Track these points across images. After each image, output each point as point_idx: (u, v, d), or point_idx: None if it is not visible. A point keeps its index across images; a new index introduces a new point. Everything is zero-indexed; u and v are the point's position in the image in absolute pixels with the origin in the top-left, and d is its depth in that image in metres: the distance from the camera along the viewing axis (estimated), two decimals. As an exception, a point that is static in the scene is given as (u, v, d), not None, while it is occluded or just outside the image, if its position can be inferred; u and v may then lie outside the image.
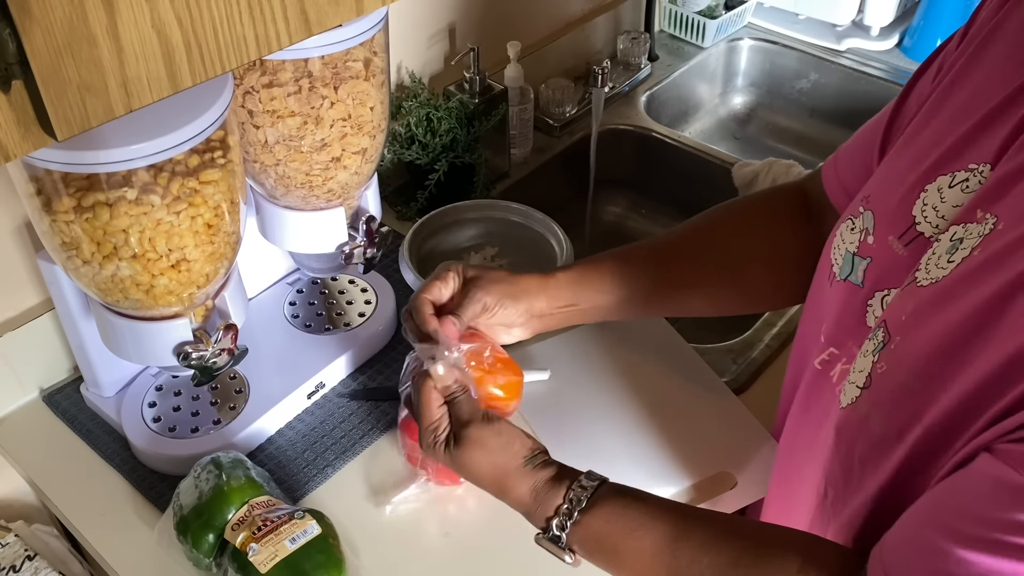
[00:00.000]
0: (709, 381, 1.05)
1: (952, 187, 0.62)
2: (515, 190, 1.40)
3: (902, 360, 0.60)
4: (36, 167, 0.71)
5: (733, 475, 0.94)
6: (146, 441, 0.95)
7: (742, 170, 1.42)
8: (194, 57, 0.53)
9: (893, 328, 0.61)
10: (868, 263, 0.67)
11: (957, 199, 0.61)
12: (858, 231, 0.69)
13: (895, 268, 0.65)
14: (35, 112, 0.48)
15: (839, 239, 0.71)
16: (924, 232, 0.63)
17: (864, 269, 0.68)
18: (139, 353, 0.87)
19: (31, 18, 0.45)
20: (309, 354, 1.04)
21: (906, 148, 0.69)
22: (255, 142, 0.87)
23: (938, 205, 0.62)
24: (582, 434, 0.99)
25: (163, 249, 0.77)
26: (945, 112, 0.66)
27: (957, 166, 0.62)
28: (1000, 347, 0.52)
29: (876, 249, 0.67)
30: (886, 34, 1.72)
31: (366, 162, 0.93)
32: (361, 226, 0.97)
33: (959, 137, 0.62)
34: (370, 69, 0.87)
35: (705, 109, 1.79)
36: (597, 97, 1.37)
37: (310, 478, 0.95)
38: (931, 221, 0.63)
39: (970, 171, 0.61)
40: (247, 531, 0.82)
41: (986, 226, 0.57)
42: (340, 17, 0.60)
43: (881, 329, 0.63)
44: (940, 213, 0.62)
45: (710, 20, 1.69)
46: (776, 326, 1.15)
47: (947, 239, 0.59)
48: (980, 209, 0.58)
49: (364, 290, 1.13)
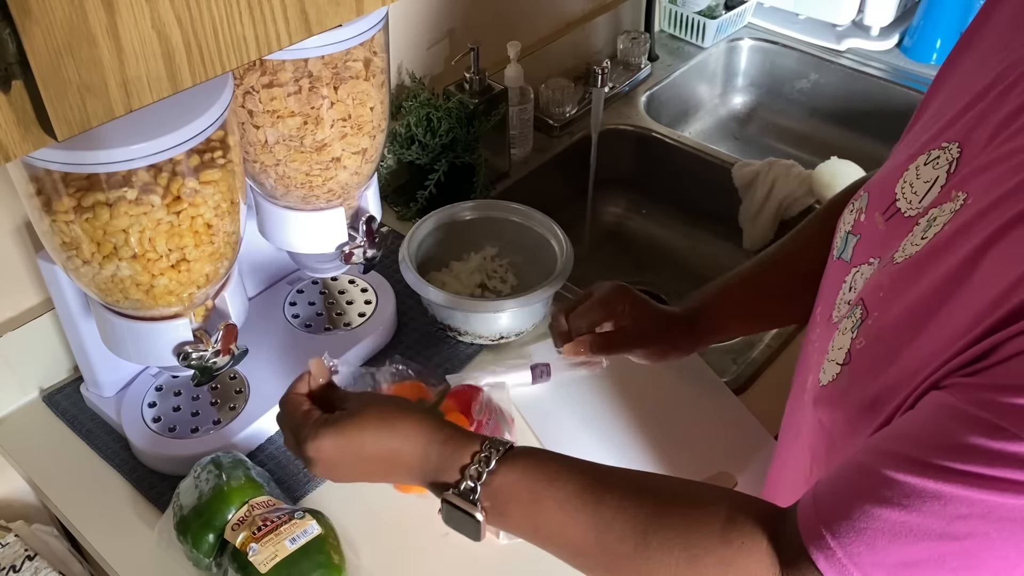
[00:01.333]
0: (709, 381, 1.05)
1: (926, 164, 0.63)
2: (515, 190, 1.39)
3: (879, 334, 0.61)
4: (36, 167, 0.71)
5: (733, 475, 0.94)
6: (146, 441, 0.95)
7: (742, 170, 1.42)
8: (194, 57, 0.53)
9: (870, 304, 0.62)
10: (857, 240, 0.69)
11: (929, 175, 0.62)
12: (855, 211, 0.71)
13: (874, 242, 0.66)
14: (35, 112, 0.48)
15: (842, 221, 0.73)
16: (901, 208, 0.64)
17: (854, 246, 0.69)
18: (139, 353, 0.87)
19: (31, 18, 0.45)
20: (309, 354, 1.04)
21: (907, 135, 0.71)
22: (255, 142, 0.87)
23: (914, 182, 0.64)
24: (581, 434, 0.99)
25: (163, 249, 0.77)
26: (939, 99, 0.68)
27: (934, 145, 0.64)
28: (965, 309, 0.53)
29: (865, 226, 0.68)
30: (886, 34, 1.72)
31: (366, 162, 0.93)
32: (361, 226, 0.97)
33: (945, 121, 0.64)
34: (370, 69, 0.87)
35: (705, 109, 1.79)
36: (597, 97, 1.37)
37: (310, 478, 0.95)
38: (907, 198, 0.64)
39: (942, 149, 0.62)
40: (247, 531, 0.82)
41: (957, 203, 0.58)
42: (340, 17, 0.60)
43: (859, 307, 0.63)
44: (914, 189, 0.64)
45: (710, 20, 1.69)
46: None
47: (925, 221, 0.61)
48: (955, 190, 0.59)
49: (364, 290, 1.13)
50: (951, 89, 0.67)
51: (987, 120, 0.59)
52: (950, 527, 0.50)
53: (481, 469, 0.67)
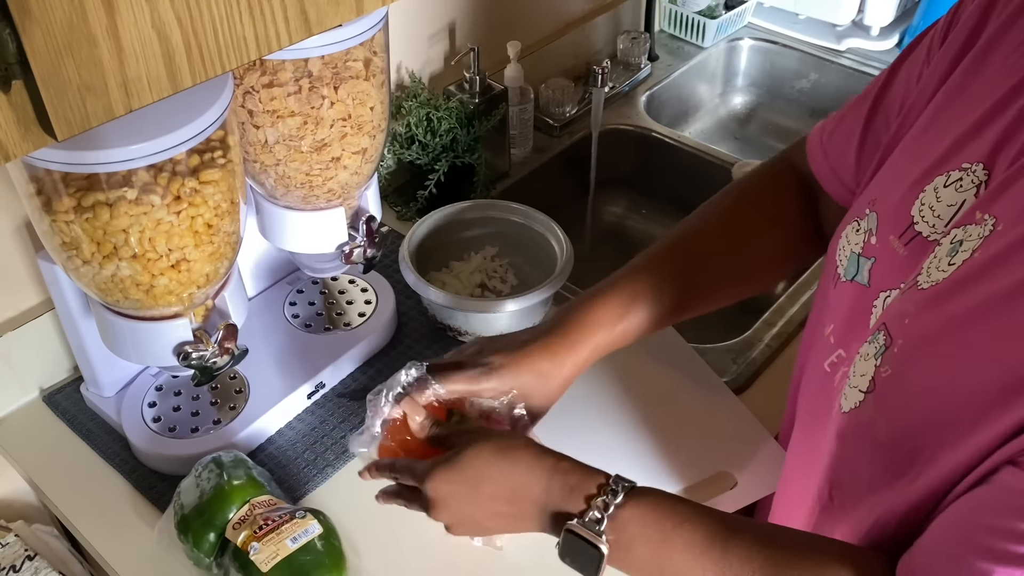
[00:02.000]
0: (709, 381, 1.05)
1: (947, 186, 0.62)
2: (515, 190, 1.40)
3: (906, 364, 0.60)
4: (36, 167, 0.71)
5: (733, 475, 0.94)
6: (146, 441, 0.95)
7: (742, 170, 1.42)
8: (194, 57, 0.53)
9: (895, 331, 0.61)
10: (873, 263, 0.68)
11: (952, 198, 0.61)
12: (863, 232, 0.69)
13: (896, 268, 0.65)
14: (35, 112, 0.48)
15: (844, 240, 0.71)
16: (922, 232, 0.63)
17: (869, 269, 0.68)
18: (139, 353, 0.87)
19: (31, 18, 0.45)
20: (309, 354, 1.04)
21: (909, 147, 0.69)
22: (255, 142, 0.87)
23: (934, 205, 0.63)
24: (582, 434, 0.99)
25: (163, 249, 0.77)
26: (947, 114, 0.66)
27: (952, 166, 0.62)
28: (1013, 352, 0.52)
29: (879, 249, 0.67)
30: (886, 34, 1.72)
31: (366, 162, 0.93)
32: (361, 226, 0.97)
33: (956, 138, 0.63)
34: (370, 69, 0.87)
35: (705, 109, 1.79)
36: (597, 97, 1.37)
37: (310, 478, 0.95)
38: (928, 221, 0.63)
39: (963, 170, 0.61)
40: (248, 530, 0.82)
41: (985, 227, 0.57)
42: (340, 17, 0.60)
43: (882, 332, 0.63)
44: (936, 213, 0.62)
45: (710, 20, 1.69)
46: (776, 326, 1.15)
47: (947, 242, 0.60)
48: (979, 211, 0.58)
49: (364, 290, 1.13)
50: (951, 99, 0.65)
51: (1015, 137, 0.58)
52: None
53: (609, 501, 0.66)
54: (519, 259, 1.19)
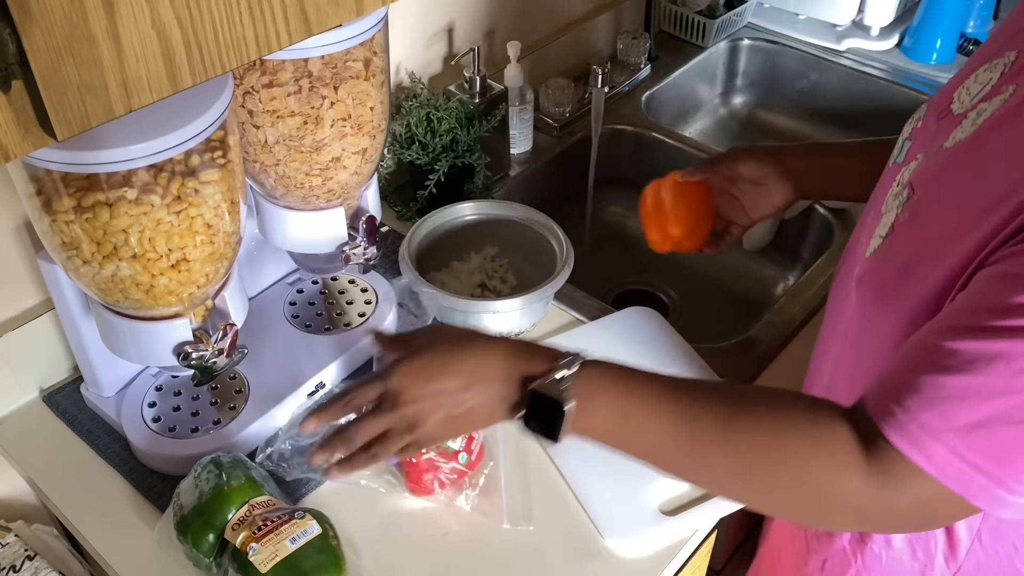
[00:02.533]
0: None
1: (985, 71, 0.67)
2: (515, 190, 1.40)
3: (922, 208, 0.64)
4: (36, 167, 0.71)
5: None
6: (146, 441, 0.95)
7: (742, 170, 1.42)
8: (194, 57, 0.53)
9: (918, 185, 0.66)
10: (911, 144, 0.74)
11: (984, 79, 0.67)
12: (914, 121, 0.76)
13: (926, 140, 0.71)
14: (35, 112, 0.48)
15: (902, 134, 0.78)
16: (954, 110, 0.68)
17: (907, 150, 0.74)
18: (139, 353, 0.87)
19: (31, 18, 0.45)
20: (309, 354, 1.04)
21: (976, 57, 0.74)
22: (255, 142, 0.87)
23: (971, 86, 0.68)
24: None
25: (163, 249, 0.77)
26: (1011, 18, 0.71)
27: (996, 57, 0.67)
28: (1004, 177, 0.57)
29: (920, 130, 0.73)
30: (886, 34, 1.72)
31: (366, 162, 0.93)
32: (361, 226, 0.97)
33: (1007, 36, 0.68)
34: (370, 69, 0.87)
35: (705, 109, 1.79)
36: (597, 97, 1.37)
37: (310, 478, 0.95)
38: (963, 100, 0.68)
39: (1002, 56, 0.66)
40: (247, 531, 0.82)
41: (1006, 95, 0.62)
42: (340, 17, 0.60)
43: (907, 188, 0.67)
44: (971, 92, 0.67)
45: (710, 20, 1.69)
46: (777, 326, 1.15)
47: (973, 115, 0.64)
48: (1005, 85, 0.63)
49: (364, 290, 1.13)
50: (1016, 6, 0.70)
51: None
52: (1014, 382, 0.53)
53: (572, 361, 0.69)
54: (519, 259, 1.19)
